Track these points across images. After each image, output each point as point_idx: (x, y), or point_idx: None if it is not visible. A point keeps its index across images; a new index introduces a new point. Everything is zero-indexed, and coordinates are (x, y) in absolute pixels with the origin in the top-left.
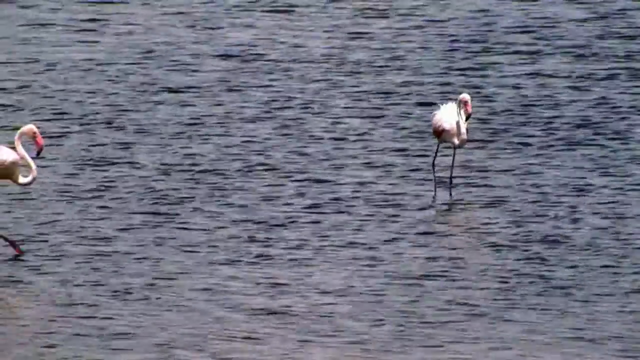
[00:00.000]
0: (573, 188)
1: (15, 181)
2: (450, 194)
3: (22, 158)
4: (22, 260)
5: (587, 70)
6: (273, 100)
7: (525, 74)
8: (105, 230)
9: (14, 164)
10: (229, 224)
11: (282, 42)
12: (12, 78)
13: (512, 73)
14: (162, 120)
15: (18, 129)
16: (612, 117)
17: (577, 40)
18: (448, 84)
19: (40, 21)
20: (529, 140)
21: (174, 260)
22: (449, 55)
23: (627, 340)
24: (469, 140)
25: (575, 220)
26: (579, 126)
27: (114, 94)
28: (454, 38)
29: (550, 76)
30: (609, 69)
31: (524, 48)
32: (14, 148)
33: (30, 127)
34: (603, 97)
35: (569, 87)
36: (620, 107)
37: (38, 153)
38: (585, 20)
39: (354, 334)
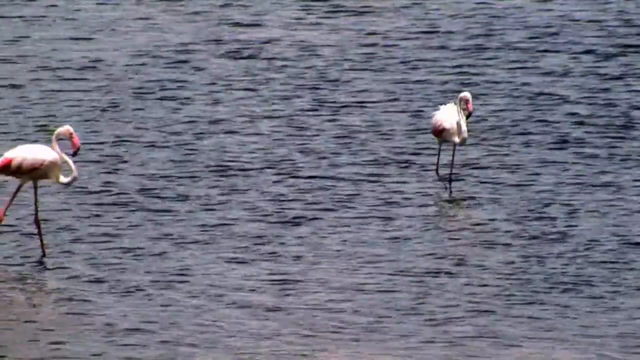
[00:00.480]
0: (577, 185)
1: (56, 180)
2: (451, 192)
3: (61, 158)
4: (30, 258)
5: (589, 68)
6: (278, 99)
7: (528, 73)
8: (112, 228)
9: (53, 163)
10: (236, 221)
11: (289, 41)
12: (20, 76)
13: (515, 72)
14: (172, 119)
15: (48, 128)
16: (615, 116)
17: (579, 39)
18: (452, 82)
19: (53, 20)
20: (532, 138)
21: (182, 257)
22: (453, 54)
23: (633, 336)
24: (469, 138)
25: (579, 218)
26: (582, 124)
27: (122, 92)
28: (458, 37)
29: (552, 74)
30: (611, 68)
31: (526, 46)
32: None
33: (67, 127)
34: (605, 96)
35: (572, 85)
36: (623, 105)
37: (75, 153)
38: (589, 19)
39: (359, 330)
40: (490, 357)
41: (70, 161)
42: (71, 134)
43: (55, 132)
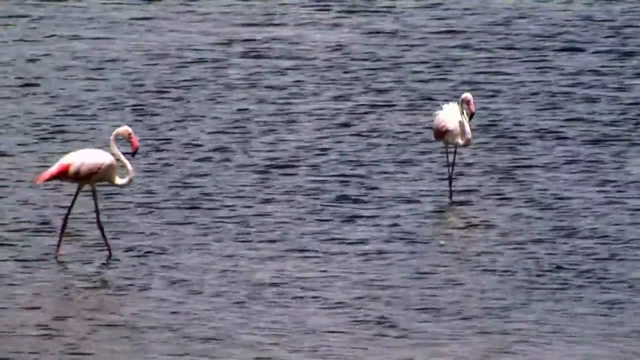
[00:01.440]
0: (580, 184)
1: (113, 182)
2: (451, 192)
3: (118, 159)
4: (47, 255)
5: (590, 68)
6: (286, 98)
7: (530, 73)
8: (135, 225)
9: (110, 166)
10: (247, 219)
11: (293, 41)
12: (33, 76)
13: (516, 71)
14: (195, 116)
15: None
16: (617, 114)
17: (581, 38)
18: (457, 81)
19: (67, 19)
20: (533, 137)
21: (200, 255)
22: (459, 53)
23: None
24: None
25: (583, 216)
26: (583, 123)
27: (142, 91)
28: (459, 36)
29: (553, 74)
30: (613, 67)
31: (528, 46)
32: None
33: (125, 128)
34: (607, 95)
35: (573, 84)
36: (625, 104)
37: (134, 153)
38: (592, 19)
39: (370, 326)
40: (500, 355)
41: (127, 162)
42: (130, 134)
43: (114, 133)
